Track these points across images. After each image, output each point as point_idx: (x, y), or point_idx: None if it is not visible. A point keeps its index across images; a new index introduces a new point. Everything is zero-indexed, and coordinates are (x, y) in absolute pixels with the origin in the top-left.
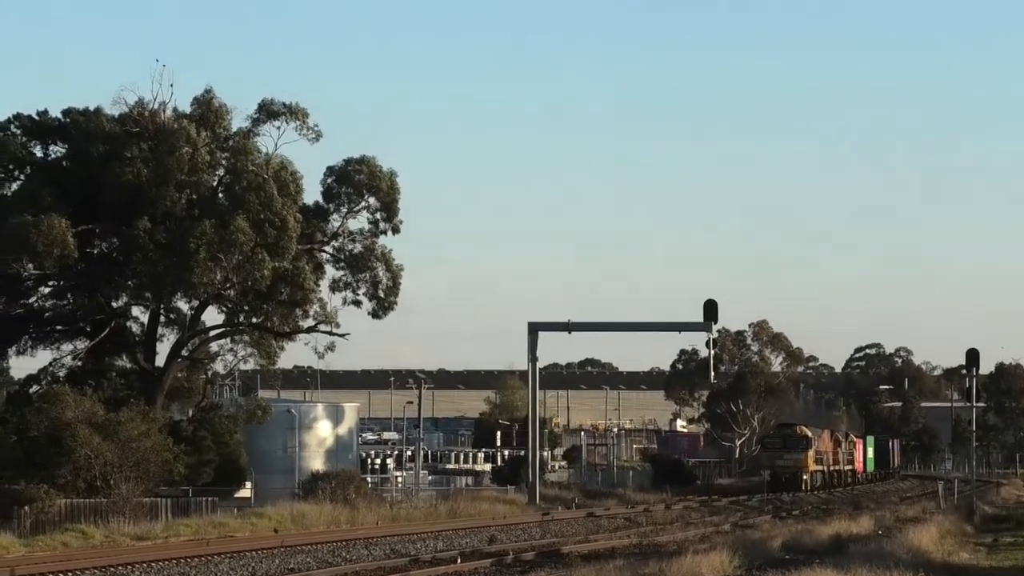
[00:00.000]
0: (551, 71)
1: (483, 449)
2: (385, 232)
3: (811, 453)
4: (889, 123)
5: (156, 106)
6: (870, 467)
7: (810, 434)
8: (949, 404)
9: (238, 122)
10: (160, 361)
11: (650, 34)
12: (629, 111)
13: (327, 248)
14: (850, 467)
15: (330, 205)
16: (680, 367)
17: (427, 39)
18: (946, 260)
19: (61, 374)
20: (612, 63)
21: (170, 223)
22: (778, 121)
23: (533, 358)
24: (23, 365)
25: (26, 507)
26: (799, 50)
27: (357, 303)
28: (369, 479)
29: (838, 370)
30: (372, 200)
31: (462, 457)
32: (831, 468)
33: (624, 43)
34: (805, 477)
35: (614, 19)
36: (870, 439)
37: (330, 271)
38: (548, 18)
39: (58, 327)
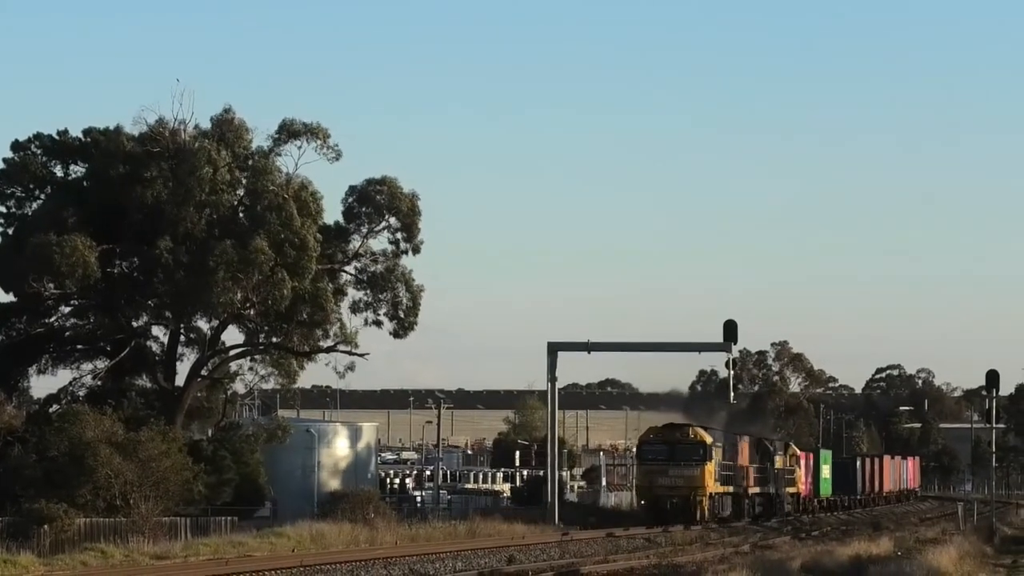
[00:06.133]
0: (571, 88)
1: (502, 469)
2: (406, 252)
3: (710, 468)
4: (911, 146)
5: (176, 125)
6: (824, 491)
7: (709, 440)
8: (969, 425)
9: (258, 141)
10: (180, 381)
11: (677, 50)
12: (650, 130)
13: (348, 268)
14: (790, 489)
15: (351, 225)
16: (700, 388)
17: (448, 60)
18: (967, 282)
19: (81, 393)
20: (632, 82)
21: (190, 243)
22: (800, 140)
23: (552, 378)
24: (43, 384)
25: (45, 526)
26: (823, 66)
27: (377, 323)
28: (387, 498)
29: (858, 391)
30: (393, 220)
31: (481, 477)
32: (753, 490)
33: (646, 60)
34: (701, 499)
35: (636, 39)
36: (826, 454)
37: (351, 292)
38: (570, 36)
39: (78, 346)
